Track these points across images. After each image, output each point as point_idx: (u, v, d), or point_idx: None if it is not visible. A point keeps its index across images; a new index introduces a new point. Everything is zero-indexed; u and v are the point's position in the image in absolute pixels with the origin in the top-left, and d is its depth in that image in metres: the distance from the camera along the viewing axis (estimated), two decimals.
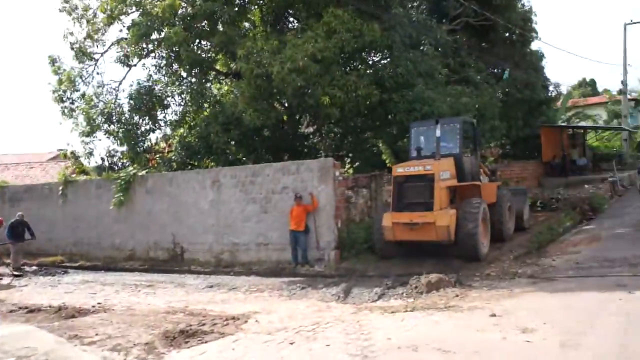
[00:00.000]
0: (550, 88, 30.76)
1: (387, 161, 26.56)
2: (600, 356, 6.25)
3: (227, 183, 15.88)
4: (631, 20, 39.62)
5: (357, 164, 21.94)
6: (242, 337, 8.15)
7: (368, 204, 16.24)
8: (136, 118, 20.64)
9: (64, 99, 20.98)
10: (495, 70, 27.28)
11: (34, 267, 17.64)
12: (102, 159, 22.36)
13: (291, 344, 7.60)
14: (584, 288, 9.70)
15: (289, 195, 14.72)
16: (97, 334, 8.85)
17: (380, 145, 26.26)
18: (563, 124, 36.20)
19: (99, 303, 11.53)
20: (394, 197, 13.26)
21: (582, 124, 39.14)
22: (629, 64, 40.45)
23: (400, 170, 13.22)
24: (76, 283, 14.53)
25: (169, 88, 20.89)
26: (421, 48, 20.70)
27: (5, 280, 15.89)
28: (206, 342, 7.99)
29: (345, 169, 17.34)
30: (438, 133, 13.79)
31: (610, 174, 27.80)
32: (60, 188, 19.77)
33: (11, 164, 41.68)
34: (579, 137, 38.15)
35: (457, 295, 9.87)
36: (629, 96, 42.71)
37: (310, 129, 22.14)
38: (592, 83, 64.11)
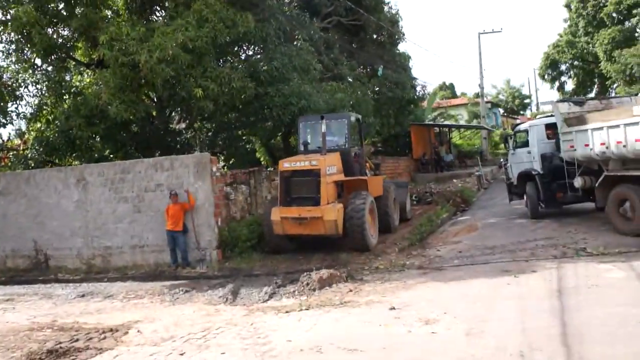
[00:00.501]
0: (418, 88, 32.27)
1: (261, 159, 26.28)
2: (505, 341, 6.28)
3: (94, 181, 14.59)
4: (484, 30, 43.90)
5: (231, 161, 21.48)
6: (124, 351, 7.37)
7: (248, 201, 15.73)
8: None
9: None
10: (366, 70, 28.02)
11: None
12: None
13: (181, 354, 6.97)
14: (473, 276, 9.94)
15: (164, 193, 13.81)
16: None
17: (255, 142, 25.96)
18: (431, 123, 38.35)
19: None
20: (281, 192, 13.18)
21: (447, 123, 41.92)
22: (484, 69, 44.03)
23: (286, 165, 13.23)
24: None
25: (20, 76, 18.83)
26: (295, 43, 20.56)
27: None
28: None
29: (221, 166, 16.66)
30: (324, 128, 13.72)
31: (476, 169, 29.81)
32: None
33: None
34: (445, 135, 40.92)
35: (350, 290, 9.71)
36: (485, 99, 46.37)
37: (182, 125, 21.13)
38: (451, 86, 68.60)
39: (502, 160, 32.94)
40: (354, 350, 6.42)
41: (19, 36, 17.01)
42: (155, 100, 18.85)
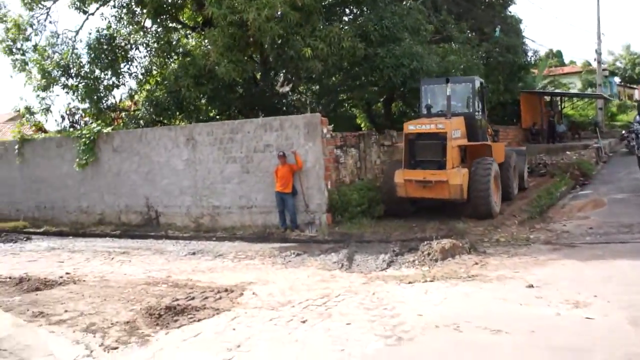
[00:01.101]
0: (529, 54, 30.08)
1: (362, 125, 25.58)
2: None
3: (203, 141, 14.53)
4: None
5: (331, 126, 20.98)
6: (242, 313, 7.05)
7: (357, 165, 15.18)
8: (97, 71, 18.91)
9: (14, 50, 19.05)
10: (475, 33, 26.40)
11: None
12: (62, 117, 20.68)
13: (303, 322, 6.53)
14: (614, 256, 8.86)
15: (272, 154, 13.50)
16: (66, 311, 7.65)
17: (357, 107, 25.31)
18: (542, 90, 35.96)
19: (67, 273, 10.24)
20: (405, 154, 13.11)
21: (558, 91, 39.12)
22: (602, 34, 40.54)
23: (411, 127, 13.04)
24: (41, 250, 13.15)
25: (132, 37, 19.17)
26: (404, 2, 19.56)
27: None
28: (199, 320, 6.85)
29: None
30: (449, 92, 13.18)
31: (594, 141, 27.78)
32: (16, 147, 18.03)
33: None
34: (556, 104, 38.12)
35: (476, 263, 8.97)
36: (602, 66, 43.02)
37: (287, 88, 20.77)
38: (559, 54, 64.15)
39: (623, 132, 30.45)
40: (498, 332, 5.69)
41: None
42: (260, 62, 18.62)
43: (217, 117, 19.03)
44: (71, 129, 18.77)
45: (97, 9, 18.86)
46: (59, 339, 6.50)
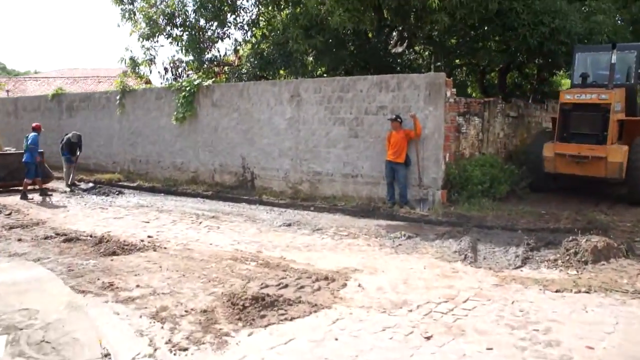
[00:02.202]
0: None
1: (473, 95, 23.07)
2: None
3: (309, 98, 12.99)
4: None
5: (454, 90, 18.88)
6: (345, 313, 5.47)
7: (479, 137, 13.13)
8: (202, 21, 17.87)
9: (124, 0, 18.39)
10: None
11: (90, 184, 15.53)
12: (165, 69, 19.94)
13: (427, 338, 4.84)
14: None
15: (386, 117, 11.74)
16: (138, 285, 6.42)
17: (471, 76, 22.81)
18: None
19: (149, 237, 9.14)
20: (559, 126, 12.21)
21: None
22: None
23: (568, 97, 12.08)
24: (129, 207, 12.26)
25: None
26: None
27: (56, 198, 13.80)
28: (291, 319, 5.34)
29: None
30: (614, 59, 11.58)
31: None
32: (118, 97, 17.43)
33: (80, 78, 40.42)
34: None
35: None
36: None
37: (399, 49, 18.74)
38: None
39: None
40: None
41: None
42: (376, 17, 16.74)
43: (324, 75, 17.47)
44: (173, 82, 17.92)
45: None
46: (122, 325, 5.22)
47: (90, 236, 9.09)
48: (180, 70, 19.70)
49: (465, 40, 17.91)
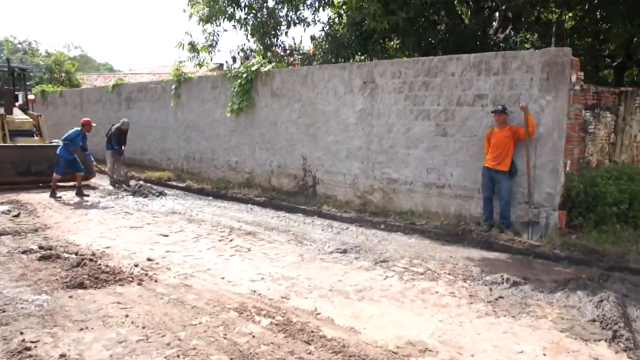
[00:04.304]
0: None
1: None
2: None
3: (385, 85, 10.20)
4: None
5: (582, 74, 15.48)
6: None
7: (611, 140, 9.81)
8: (271, 2, 15.57)
9: None
10: None
11: (140, 183, 13.49)
12: (234, 58, 17.83)
13: None
14: None
15: (486, 109, 8.78)
16: (63, 356, 3.98)
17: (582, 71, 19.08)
18: None
19: (149, 259, 6.71)
20: None
21: None
22: None
23: None
24: (158, 214, 9.98)
25: None
26: None
27: (91, 197, 11.85)
28: None
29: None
30: None
31: None
32: (173, 87, 15.38)
33: (143, 73, 39.83)
34: None
35: None
36: None
37: (500, 36, 15.48)
38: None
39: None
40: None
41: None
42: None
43: None
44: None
45: None
46: None
47: (76, 254, 6.82)
48: (249, 59, 17.55)
49: (583, 22, 14.46)
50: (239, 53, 17.59)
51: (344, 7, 15.08)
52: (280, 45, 16.34)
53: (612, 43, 14.39)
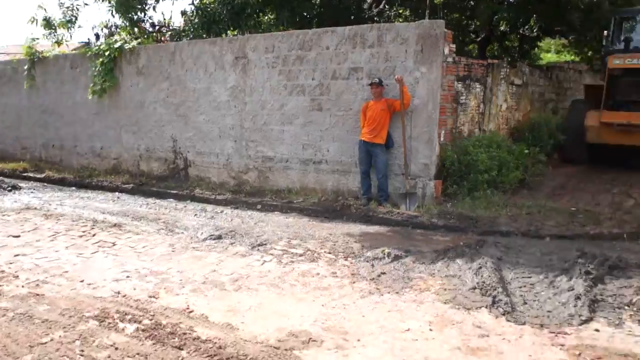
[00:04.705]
0: None
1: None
2: None
3: (258, 60, 9.75)
4: None
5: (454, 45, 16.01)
6: None
7: (480, 109, 10.12)
8: None
9: None
10: None
11: None
12: (97, 35, 16.48)
13: None
14: None
15: (360, 82, 8.66)
16: None
17: None
18: None
19: None
20: (606, 93, 11.28)
21: None
22: None
23: (617, 62, 11.02)
24: (9, 211, 8.87)
25: None
26: None
27: None
28: None
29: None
30: None
31: None
32: (26, 67, 13.87)
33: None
34: None
35: None
36: None
37: (375, 10, 15.55)
38: None
39: None
40: None
41: None
42: None
43: None
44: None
45: None
46: None
47: None
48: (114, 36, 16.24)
49: None
50: (102, 30, 16.20)
51: None
52: (148, 20, 15.23)
53: (478, 19, 14.88)
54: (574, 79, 16.35)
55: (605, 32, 11.81)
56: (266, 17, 14.56)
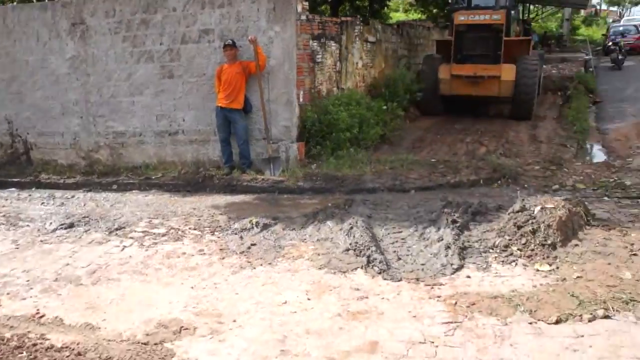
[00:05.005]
0: None
1: None
2: None
3: (99, 26, 8.88)
4: None
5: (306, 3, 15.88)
6: None
7: (337, 68, 10.09)
8: None
9: None
10: None
11: None
12: None
13: None
14: None
15: (212, 45, 8.23)
16: None
17: None
18: None
19: None
20: (454, 48, 12.12)
21: None
22: None
23: (462, 18, 11.83)
24: None
25: None
26: None
27: None
28: None
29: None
30: None
31: (583, 52, 24.81)
32: None
33: None
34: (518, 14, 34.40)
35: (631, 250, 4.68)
36: None
37: None
38: None
39: (609, 43, 26.53)
40: None
41: None
42: None
43: None
44: None
45: None
46: None
47: None
48: None
49: None
50: None
51: None
52: None
53: None
54: (423, 36, 16.98)
55: None
56: None
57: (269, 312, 3.91)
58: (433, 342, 3.42)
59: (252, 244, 5.31)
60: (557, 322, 3.58)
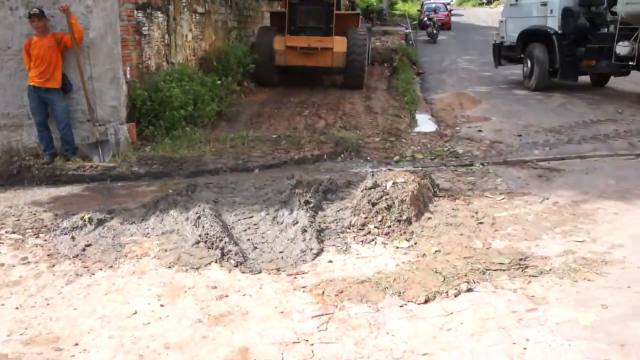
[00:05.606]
0: None
1: None
2: None
3: None
4: None
5: None
6: None
7: (165, 41, 9.37)
8: None
9: None
10: None
11: None
12: None
13: None
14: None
15: (16, 13, 7.10)
16: None
17: None
18: None
19: None
20: (288, 20, 12.46)
21: None
22: None
23: None
24: None
25: None
26: None
27: None
28: None
29: None
30: None
31: (404, 26, 26.98)
32: None
33: None
34: None
35: (477, 220, 4.99)
36: None
37: None
38: None
39: (424, 19, 28.59)
40: None
41: None
42: None
43: None
44: None
45: None
46: None
47: None
48: None
49: None
50: None
51: None
52: None
53: None
54: (253, 7, 16.61)
55: None
56: None
57: (118, 328, 3.36)
58: (307, 341, 3.16)
59: (87, 245, 4.62)
60: (426, 301, 3.53)
